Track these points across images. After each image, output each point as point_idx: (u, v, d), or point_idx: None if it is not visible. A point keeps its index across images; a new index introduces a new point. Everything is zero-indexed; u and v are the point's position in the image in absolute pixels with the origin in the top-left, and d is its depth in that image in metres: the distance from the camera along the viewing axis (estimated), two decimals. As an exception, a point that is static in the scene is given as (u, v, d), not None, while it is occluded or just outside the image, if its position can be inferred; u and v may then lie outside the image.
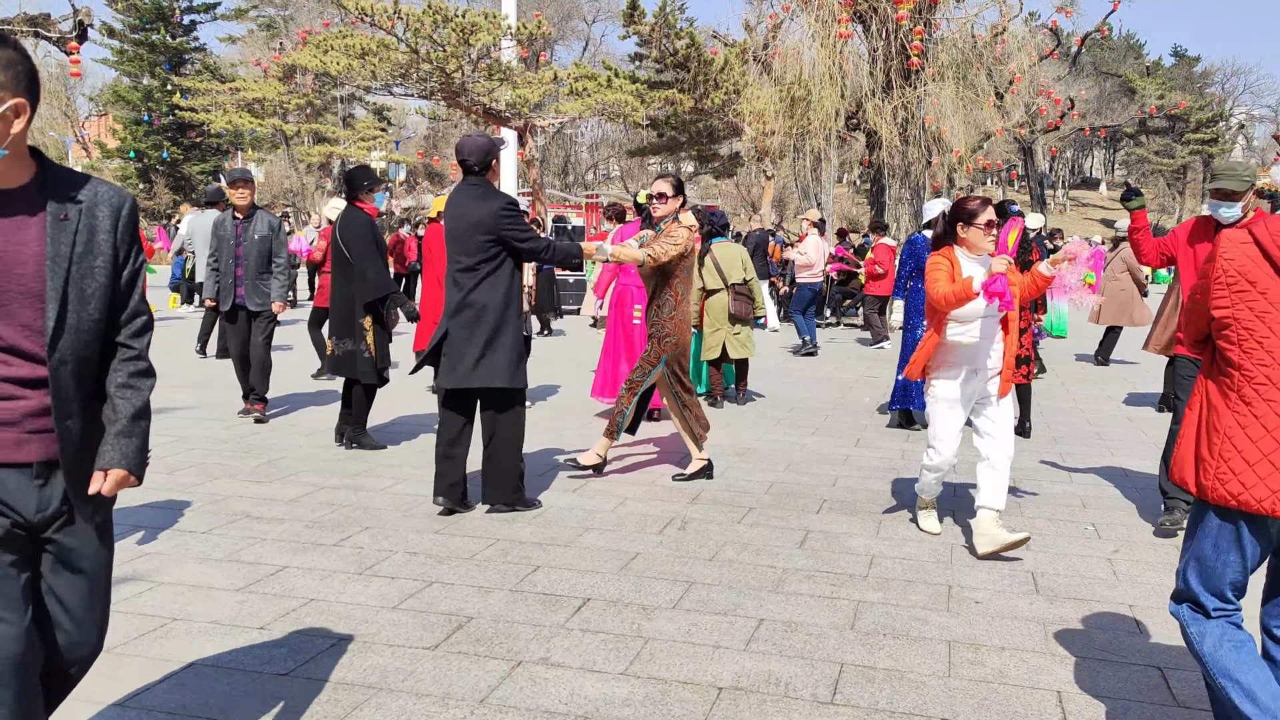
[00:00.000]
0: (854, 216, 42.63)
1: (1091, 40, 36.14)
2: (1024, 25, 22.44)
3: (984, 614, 3.98)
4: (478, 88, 22.36)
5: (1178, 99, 48.92)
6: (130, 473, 2.23)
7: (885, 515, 5.40)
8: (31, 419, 2.14)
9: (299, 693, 3.16)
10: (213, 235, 7.64)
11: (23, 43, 2.41)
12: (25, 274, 2.10)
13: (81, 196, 2.19)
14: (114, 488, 2.21)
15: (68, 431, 2.17)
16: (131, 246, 2.28)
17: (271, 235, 7.59)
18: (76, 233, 2.16)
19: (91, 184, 2.24)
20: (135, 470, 2.24)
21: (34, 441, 2.15)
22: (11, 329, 2.11)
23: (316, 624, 3.71)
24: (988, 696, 3.26)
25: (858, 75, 19.78)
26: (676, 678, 3.33)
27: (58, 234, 2.13)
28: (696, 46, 24.01)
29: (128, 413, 2.24)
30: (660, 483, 6.01)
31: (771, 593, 4.16)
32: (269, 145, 41.18)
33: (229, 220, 7.60)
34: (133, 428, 2.25)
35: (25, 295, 2.10)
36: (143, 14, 40.13)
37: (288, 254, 13.73)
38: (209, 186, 12.64)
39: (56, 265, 2.12)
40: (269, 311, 7.59)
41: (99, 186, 2.23)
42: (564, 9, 47.74)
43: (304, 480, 5.87)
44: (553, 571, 4.36)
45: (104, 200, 2.22)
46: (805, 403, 9.14)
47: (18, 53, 2.06)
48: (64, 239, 2.14)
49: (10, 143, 2.06)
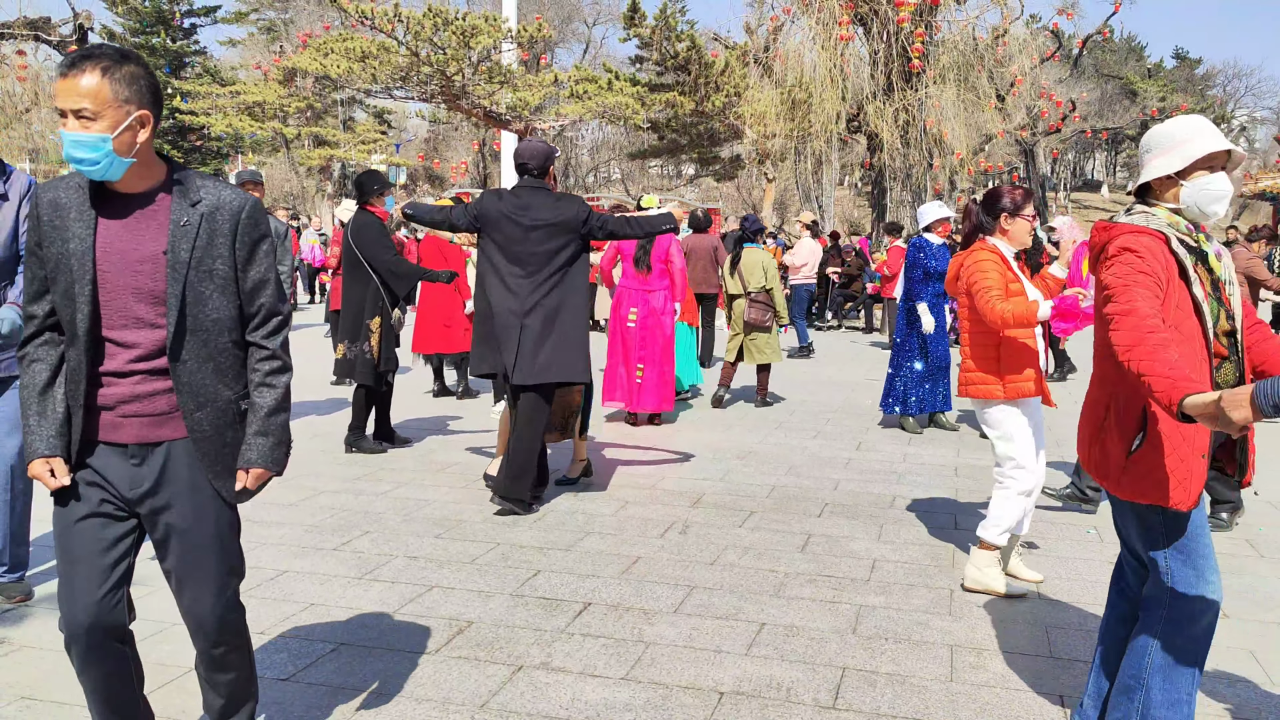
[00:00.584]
0: (855, 219, 42.62)
1: (1093, 42, 36.15)
2: (1025, 28, 22.47)
3: (986, 618, 3.97)
4: (478, 90, 22.36)
5: (1179, 101, 48.90)
6: (268, 470, 2.45)
7: (887, 519, 5.39)
8: (124, 404, 2.32)
9: (299, 698, 3.15)
10: None
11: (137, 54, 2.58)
12: (143, 273, 2.28)
13: (204, 201, 2.34)
14: (256, 483, 2.45)
15: (198, 423, 2.36)
16: (255, 248, 2.40)
17: (276, 241, 7.54)
18: (196, 237, 2.31)
19: (215, 188, 2.37)
20: (273, 466, 2.46)
21: (128, 425, 2.33)
22: (125, 324, 2.30)
23: (317, 629, 3.70)
24: (990, 701, 3.24)
25: (859, 78, 19.79)
26: (678, 682, 3.32)
27: (178, 239, 2.30)
28: (697, 49, 24.02)
29: (263, 411, 2.44)
30: (662, 486, 6.00)
31: (773, 597, 4.15)
32: (269, 148, 41.17)
33: None
34: (268, 424, 2.44)
35: (141, 294, 2.28)
36: (143, 17, 40.15)
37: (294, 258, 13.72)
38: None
39: (176, 270, 2.29)
40: None
41: (223, 191, 2.37)
42: (564, 11, 47.76)
43: (304, 484, 5.86)
44: (553, 576, 4.35)
45: (225, 204, 2.36)
46: (807, 406, 9.13)
47: (140, 67, 2.25)
48: (183, 244, 2.30)
49: (138, 150, 2.25)
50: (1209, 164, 2.61)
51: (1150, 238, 2.53)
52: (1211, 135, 2.60)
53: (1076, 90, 38.91)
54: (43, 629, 3.63)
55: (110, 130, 2.19)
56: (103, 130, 2.18)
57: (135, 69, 2.23)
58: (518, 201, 5.32)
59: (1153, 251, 2.50)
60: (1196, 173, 2.60)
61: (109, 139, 2.19)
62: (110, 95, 2.18)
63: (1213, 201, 2.59)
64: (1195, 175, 2.60)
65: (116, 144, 2.20)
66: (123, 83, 2.21)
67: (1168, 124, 2.71)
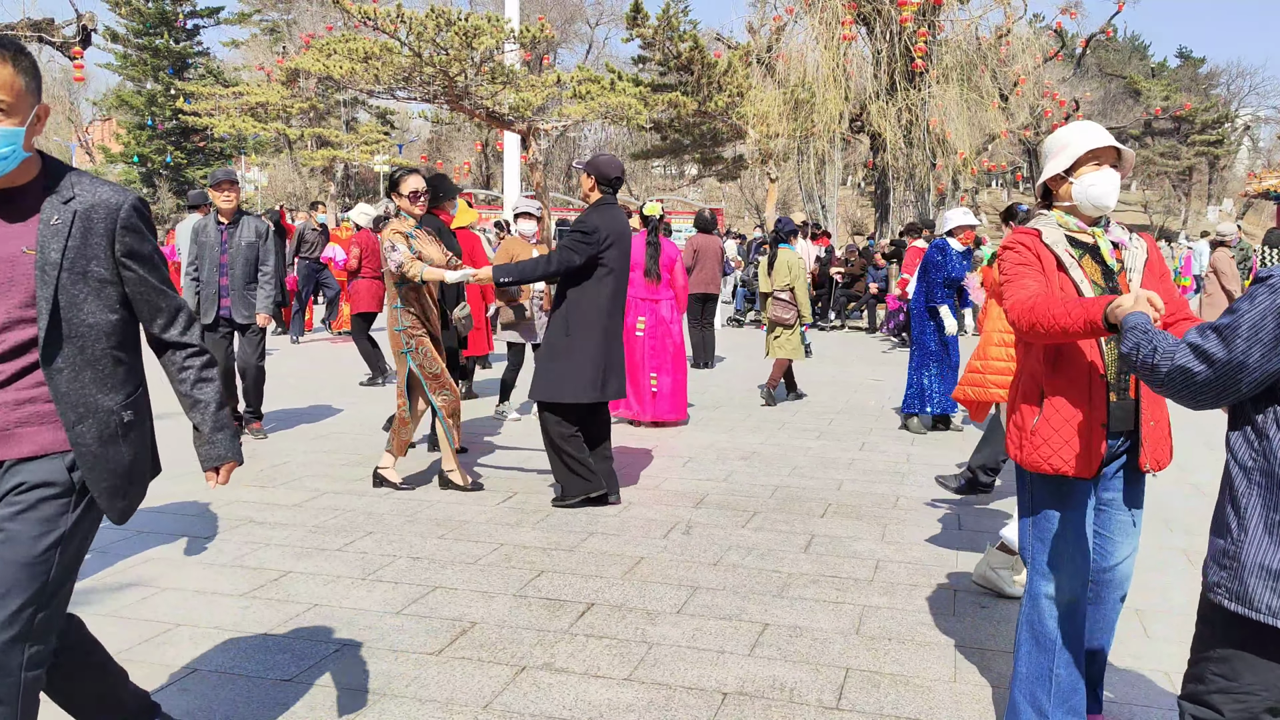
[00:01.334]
0: (858, 219, 42.58)
1: (1096, 42, 36.07)
2: (1028, 27, 22.45)
3: (990, 618, 3.96)
4: (481, 91, 22.35)
5: (1183, 100, 48.82)
6: (237, 460, 2.44)
7: (891, 520, 5.38)
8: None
9: (302, 699, 3.15)
10: (192, 242, 6.99)
11: (27, 47, 2.44)
12: (14, 276, 2.11)
13: (77, 199, 2.17)
14: (228, 476, 2.44)
15: (80, 436, 2.18)
16: (137, 247, 2.24)
17: (259, 242, 7.03)
18: (69, 237, 2.14)
19: (92, 185, 2.21)
20: (238, 456, 2.45)
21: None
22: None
23: (320, 629, 3.70)
24: (994, 701, 3.23)
25: (861, 78, 19.78)
26: (681, 683, 3.31)
27: (47, 239, 2.12)
28: (700, 49, 23.99)
29: (211, 406, 2.39)
30: (664, 487, 6.00)
31: (776, 597, 4.14)
32: (272, 149, 41.21)
33: (212, 225, 6.97)
34: (219, 418, 2.41)
35: (11, 291, 2.12)
36: (146, 18, 40.16)
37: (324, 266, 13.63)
38: (193, 190, 12.11)
39: (46, 273, 2.12)
40: (257, 324, 7.06)
41: (100, 189, 2.21)
42: (567, 12, 47.76)
43: (307, 485, 5.87)
44: (556, 576, 4.35)
45: (102, 203, 2.20)
46: (809, 406, 9.12)
47: (31, 59, 2.11)
48: (54, 244, 2.13)
49: (30, 144, 2.12)
50: (1094, 160, 2.77)
51: (1026, 235, 2.81)
52: (1094, 134, 2.78)
53: (1080, 90, 38.85)
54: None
55: (22, 123, 2.07)
56: (15, 124, 2.06)
57: (31, 61, 2.10)
58: (622, 221, 5.43)
59: (1027, 246, 2.78)
60: (1081, 170, 2.78)
61: (22, 132, 2.07)
62: (22, 87, 2.07)
63: (1100, 196, 2.74)
64: (1081, 173, 2.78)
65: (26, 137, 2.08)
66: (29, 74, 2.09)
67: (1058, 130, 2.95)
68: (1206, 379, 1.98)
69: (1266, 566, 1.96)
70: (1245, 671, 2.04)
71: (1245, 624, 2.02)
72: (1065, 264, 2.72)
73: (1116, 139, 2.90)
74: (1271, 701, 2.04)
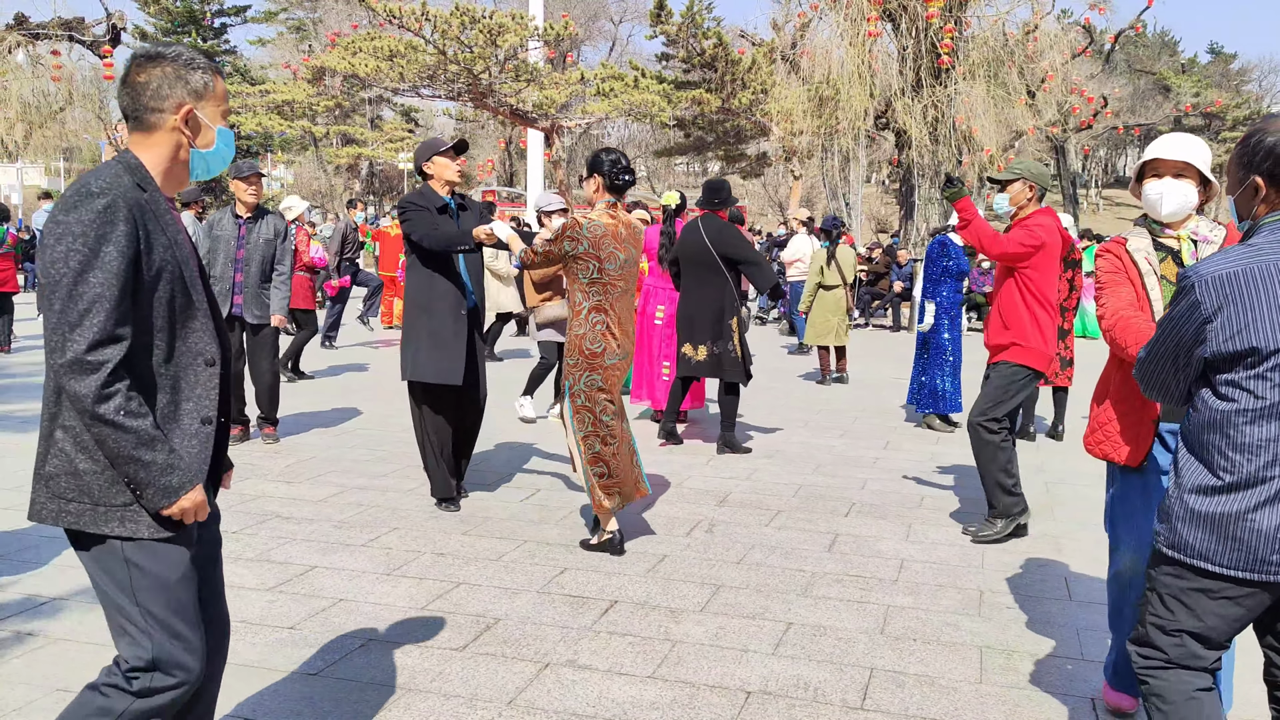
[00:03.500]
0: (883, 216, 42.35)
1: (1125, 37, 35.65)
2: (1056, 23, 22.19)
3: (1016, 619, 3.93)
4: (505, 89, 22.42)
5: (1214, 96, 48.16)
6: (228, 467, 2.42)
7: (915, 519, 5.35)
8: None
9: (328, 693, 3.17)
10: (206, 236, 6.71)
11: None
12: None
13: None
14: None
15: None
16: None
17: (277, 240, 6.78)
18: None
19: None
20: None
21: None
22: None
23: (345, 624, 3.72)
24: (1020, 703, 3.21)
25: (887, 74, 19.63)
26: (704, 681, 3.31)
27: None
28: (724, 46, 23.96)
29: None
30: (687, 485, 5.99)
31: (800, 596, 4.13)
32: (298, 147, 41.52)
33: (229, 219, 6.70)
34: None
35: None
36: (174, 17, 40.59)
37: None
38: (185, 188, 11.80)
39: None
40: (270, 325, 6.77)
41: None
42: (591, 9, 47.77)
43: (332, 481, 5.90)
44: (580, 573, 4.35)
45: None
46: (832, 404, 9.08)
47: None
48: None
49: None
50: (1154, 172, 3.00)
51: (1114, 244, 3.11)
52: (1157, 147, 2.99)
53: (1109, 86, 38.42)
54: (77, 623, 3.68)
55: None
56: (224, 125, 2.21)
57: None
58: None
59: (1115, 254, 3.08)
60: (1145, 180, 3.03)
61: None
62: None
63: (1152, 206, 3.00)
64: (1145, 183, 3.03)
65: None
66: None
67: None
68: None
69: (1195, 513, 2.19)
70: (1180, 612, 2.26)
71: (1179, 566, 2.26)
72: (1143, 272, 3.00)
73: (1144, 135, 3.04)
74: (1203, 633, 2.24)
